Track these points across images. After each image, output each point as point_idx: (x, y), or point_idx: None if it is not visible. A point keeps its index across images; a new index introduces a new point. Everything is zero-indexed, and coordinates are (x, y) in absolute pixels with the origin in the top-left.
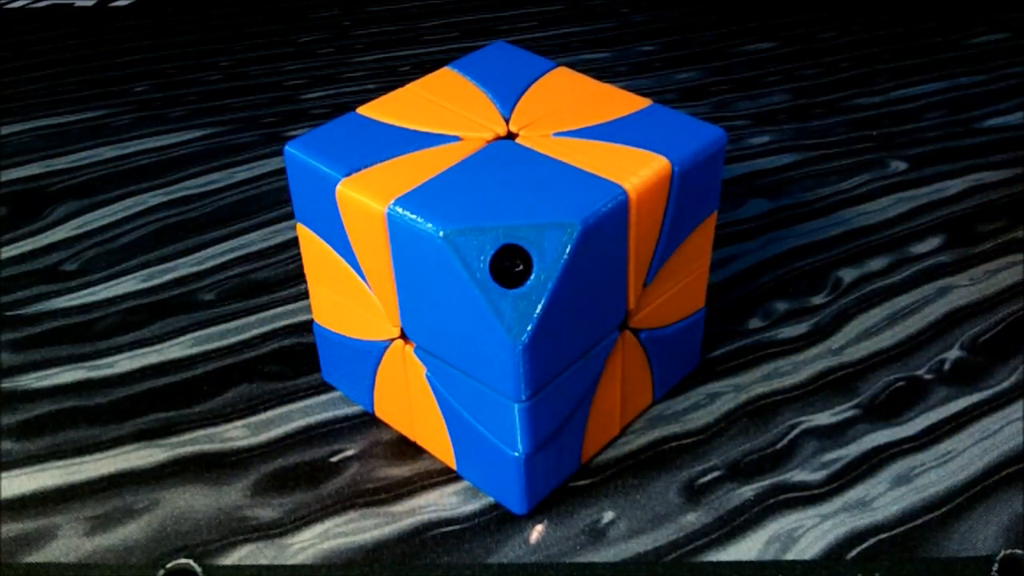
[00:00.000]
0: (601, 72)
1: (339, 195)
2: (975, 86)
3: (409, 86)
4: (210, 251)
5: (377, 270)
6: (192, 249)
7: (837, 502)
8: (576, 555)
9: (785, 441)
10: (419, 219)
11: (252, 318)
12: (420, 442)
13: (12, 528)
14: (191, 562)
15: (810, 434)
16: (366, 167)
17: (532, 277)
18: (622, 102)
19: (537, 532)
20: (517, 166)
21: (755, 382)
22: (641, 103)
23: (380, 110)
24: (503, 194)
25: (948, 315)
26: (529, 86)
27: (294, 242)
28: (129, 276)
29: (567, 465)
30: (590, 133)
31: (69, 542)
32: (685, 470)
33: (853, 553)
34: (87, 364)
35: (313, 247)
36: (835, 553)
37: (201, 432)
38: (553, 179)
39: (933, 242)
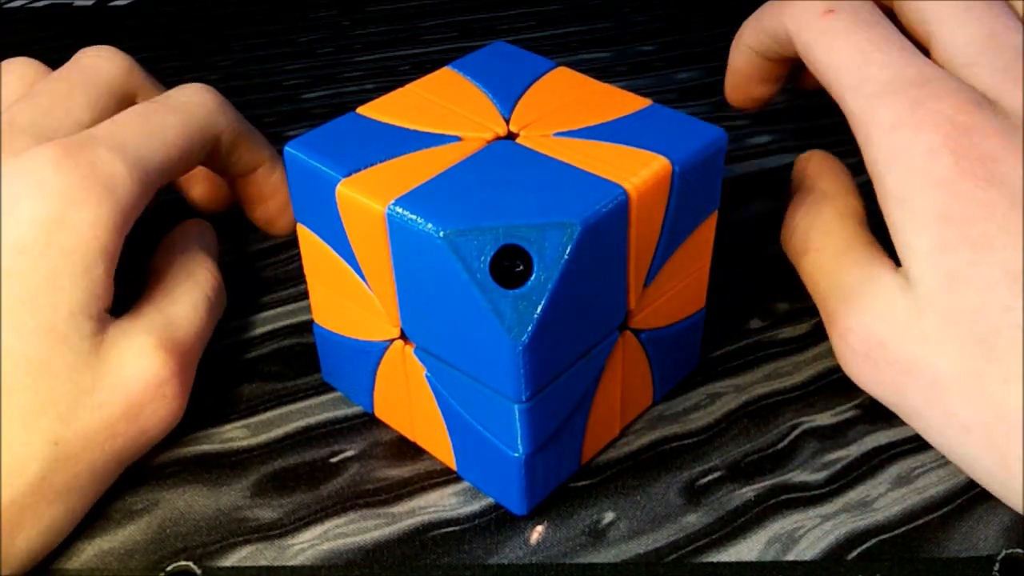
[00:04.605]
0: (601, 72)
1: (339, 195)
2: None
3: (409, 86)
4: None
5: (377, 270)
6: None
7: (838, 502)
8: (576, 556)
9: (786, 442)
10: (419, 219)
11: (252, 318)
12: (420, 442)
13: None
14: (191, 564)
15: (811, 434)
16: (366, 167)
17: (532, 277)
18: (622, 102)
19: (537, 533)
20: (517, 166)
21: (755, 382)
22: (641, 103)
23: (380, 110)
24: (503, 194)
25: None
26: (529, 86)
27: (294, 242)
28: None
29: (567, 466)
30: (590, 133)
31: (69, 542)
32: (685, 470)
33: (854, 554)
34: None
35: (313, 247)
36: (836, 554)
37: (201, 432)
38: (553, 179)
39: None
